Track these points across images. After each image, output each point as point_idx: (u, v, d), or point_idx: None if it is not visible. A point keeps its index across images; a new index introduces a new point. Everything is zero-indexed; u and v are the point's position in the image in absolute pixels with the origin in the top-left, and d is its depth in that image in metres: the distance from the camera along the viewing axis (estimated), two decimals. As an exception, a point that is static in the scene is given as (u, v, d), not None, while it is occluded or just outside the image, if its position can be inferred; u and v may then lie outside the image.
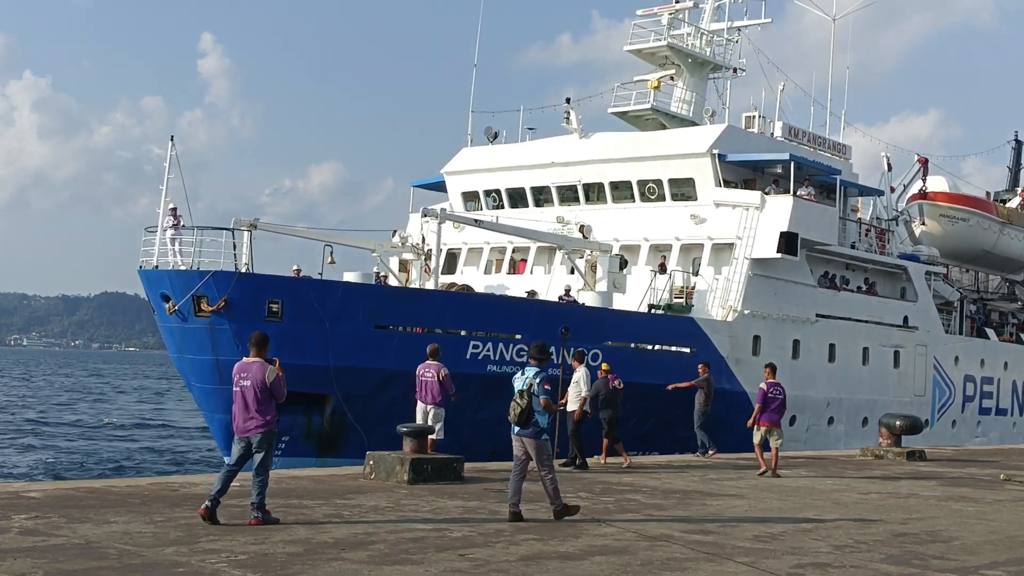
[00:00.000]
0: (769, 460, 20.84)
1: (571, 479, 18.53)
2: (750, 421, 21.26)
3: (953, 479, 21.41)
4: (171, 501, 13.77)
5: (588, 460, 21.03)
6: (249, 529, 11.82)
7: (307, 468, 19.50)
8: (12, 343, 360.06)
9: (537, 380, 13.33)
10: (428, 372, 19.18)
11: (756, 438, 21.16)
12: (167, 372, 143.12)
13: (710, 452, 24.38)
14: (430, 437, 18.05)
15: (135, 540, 10.84)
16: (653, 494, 16.86)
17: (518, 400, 13.30)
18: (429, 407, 19.10)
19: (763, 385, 21.26)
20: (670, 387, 25.85)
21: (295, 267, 30.43)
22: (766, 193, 34.29)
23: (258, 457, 12.43)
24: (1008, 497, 18.50)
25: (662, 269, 33.16)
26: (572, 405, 20.97)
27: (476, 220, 33.36)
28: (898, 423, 26.98)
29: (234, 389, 12.57)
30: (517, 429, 13.51)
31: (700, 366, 25.27)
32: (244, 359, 12.66)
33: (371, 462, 17.27)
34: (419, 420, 19.01)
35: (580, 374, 21.11)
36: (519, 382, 13.50)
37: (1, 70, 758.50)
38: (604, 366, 22.55)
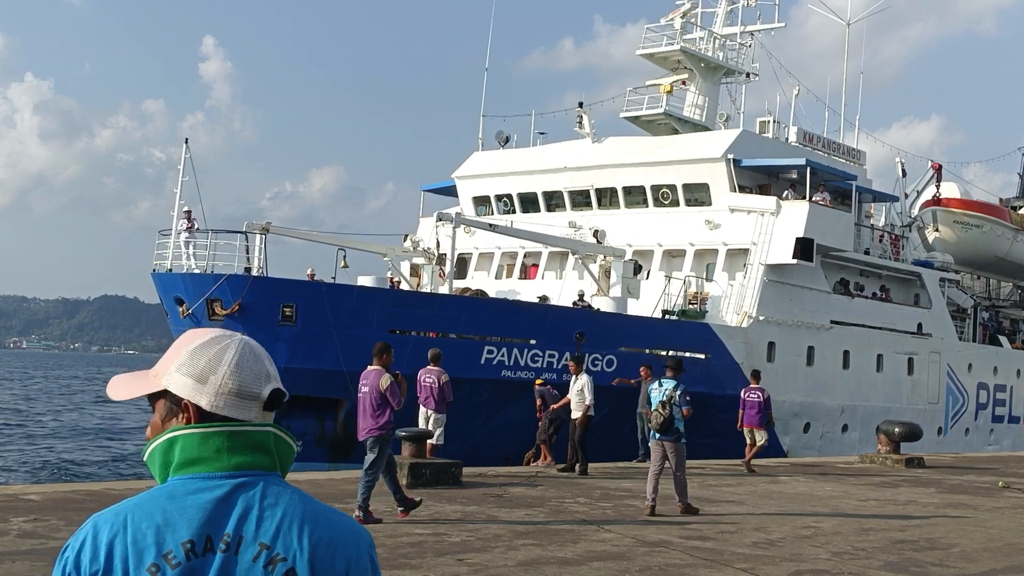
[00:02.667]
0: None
1: (570, 484, 18.57)
2: (739, 424, 23.48)
3: (952, 486, 21.32)
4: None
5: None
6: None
7: (307, 472, 19.37)
8: (12, 346, 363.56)
9: (678, 392, 15.19)
10: (429, 377, 19.18)
11: (747, 438, 23.35)
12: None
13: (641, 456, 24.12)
14: (429, 442, 18.08)
15: (133, 543, 10.87)
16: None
17: (661, 410, 15.06)
18: (430, 412, 19.08)
19: (742, 391, 23.54)
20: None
21: (309, 271, 30.26)
22: (781, 199, 34.19)
23: (368, 457, 13.31)
24: (1006, 504, 18.42)
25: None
26: (576, 412, 20.75)
27: (491, 224, 33.27)
28: (896, 430, 26.90)
29: (358, 396, 13.51)
30: (659, 435, 15.21)
31: (641, 369, 24.41)
32: (368, 367, 13.59)
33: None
34: (420, 425, 19.01)
35: (584, 381, 20.91)
36: (657, 393, 15.32)
37: (3, 73, 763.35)
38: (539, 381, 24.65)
